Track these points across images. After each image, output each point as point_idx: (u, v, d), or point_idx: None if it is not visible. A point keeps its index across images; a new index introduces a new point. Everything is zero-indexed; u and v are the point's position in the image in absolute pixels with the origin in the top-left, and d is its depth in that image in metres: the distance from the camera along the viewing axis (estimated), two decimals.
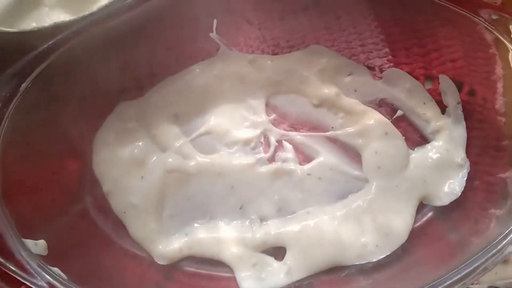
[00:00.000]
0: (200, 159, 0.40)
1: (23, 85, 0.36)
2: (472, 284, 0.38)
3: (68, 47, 0.37)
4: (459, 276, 0.32)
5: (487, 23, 0.39)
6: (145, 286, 0.37)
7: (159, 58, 0.44)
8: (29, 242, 0.33)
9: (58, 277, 0.31)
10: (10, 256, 0.32)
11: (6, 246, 0.32)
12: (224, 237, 0.38)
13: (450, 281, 0.32)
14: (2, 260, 0.32)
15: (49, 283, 0.31)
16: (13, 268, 0.32)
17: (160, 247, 0.38)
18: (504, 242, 0.33)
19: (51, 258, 0.33)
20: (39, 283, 0.31)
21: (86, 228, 0.39)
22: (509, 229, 0.34)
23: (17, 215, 0.34)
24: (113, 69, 0.43)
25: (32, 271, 0.31)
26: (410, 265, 0.36)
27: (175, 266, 0.38)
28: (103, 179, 0.40)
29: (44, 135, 0.39)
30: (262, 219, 0.39)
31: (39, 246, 0.33)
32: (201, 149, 0.41)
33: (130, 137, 0.42)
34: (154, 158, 0.41)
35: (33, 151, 0.39)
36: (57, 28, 0.37)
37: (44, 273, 0.31)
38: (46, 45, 0.37)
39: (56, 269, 0.32)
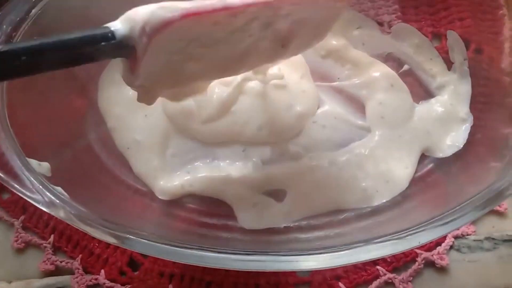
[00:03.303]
0: None
1: (33, 11, 0.36)
2: (469, 235, 0.38)
3: None
4: (451, 218, 0.32)
5: None
6: (146, 219, 0.37)
7: None
8: (32, 162, 0.33)
9: (60, 195, 0.31)
10: (12, 174, 0.32)
11: (9, 166, 0.32)
12: (225, 176, 0.38)
13: (443, 221, 0.32)
14: (4, 177, 0.32)
15: (49, 200, 0.31)
16: (15, 185, 0.31)
17: (161, 183, 0.38)
18: (498, 190, 0.33)
19: (53, 181, 0.33)
20: (40, 200, 0.31)
21: (89, 162, 0.39)
22: (504, 180, 0.34)
23: (21, 141, 0.34)
24: (121, 10, 0.43)
25: (34, 188, 0.31)
26: (408, 210, 0.36)
27: (175, 202, 0.38)
28: (108, 116, 0.41)
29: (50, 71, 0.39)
30: (264, 162, 0.39)
31: (42, 166, 0.33)
32: None
33: None
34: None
35: (39, 86, 0.38)
36: None
37: (45, 190, 0.31)
38: None
39: (59, 188, 0.32)
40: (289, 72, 0.40)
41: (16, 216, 0.39)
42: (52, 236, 0.38)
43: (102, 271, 0.37)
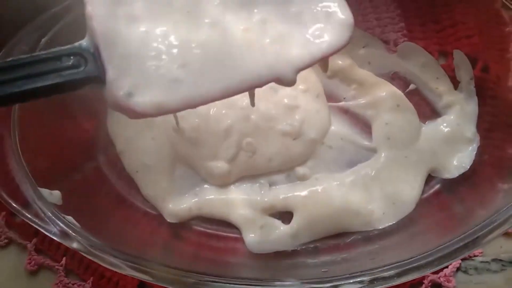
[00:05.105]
0: None
1: (43, 40, 0.37)
2: (476, 256, 0.38)
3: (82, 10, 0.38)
4: (460, 244, 0.31)
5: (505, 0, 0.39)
6: (154, 242, 0.37)
7: None
8: (44, 191, 0.33)
9: (71, 225, 0.32)
10: (25, 204, 0.33)
11: (22, 195, 0.33)
12: (233, 198, 0.39)
13: (452, 248, 0.32)
14: (17, 207, 0.32)
15: (62, 230, 0.32)
16: (28, 215, 0.32)
17: (170, 206, 0.39)
18: (507, 215, 0.33)
19: (64, 209, 0.34)
20: (53, 230, 0.32)
21: (99, 185, 0.40)
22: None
23: (32, 168, 0.35)
24: None
25: (46, 218, 0.32)
26: (415, 233, 0.36)
27: (184, 225, 0.39)
28: (117, 139, 0.41)
29: (59, 95, 0.40)
30: (271, 184, 0.40)
31: (54, 195, 0.34)
32: None
33: None
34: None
35: (49, 110, 0.39)
36: None
37: (57, 221, 0.32)
38: (61, 5, 0.37)
39: (70, 218, 0.33)
40: (305, 91, 0.41)
41: (29, 239, 0.40)
42: (64, 258, 0.39)
43: None
